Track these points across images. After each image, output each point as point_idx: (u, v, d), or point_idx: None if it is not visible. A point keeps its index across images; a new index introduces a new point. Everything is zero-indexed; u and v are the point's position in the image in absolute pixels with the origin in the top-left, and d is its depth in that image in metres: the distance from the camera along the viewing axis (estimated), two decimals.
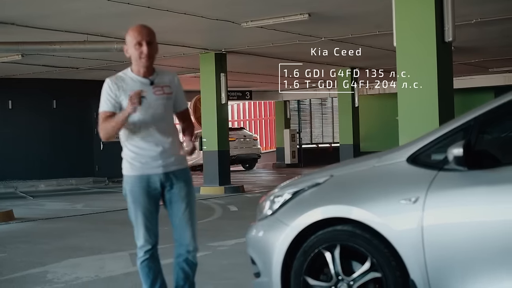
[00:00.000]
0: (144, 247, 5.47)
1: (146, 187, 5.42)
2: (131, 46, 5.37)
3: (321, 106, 41.10)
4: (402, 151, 4.88)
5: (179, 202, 5.47)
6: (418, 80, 10.47)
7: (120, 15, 14.06)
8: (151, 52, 5.37)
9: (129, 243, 10.20)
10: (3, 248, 10.73)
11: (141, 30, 5.37)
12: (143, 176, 5.42)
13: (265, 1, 13.58)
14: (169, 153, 5.42)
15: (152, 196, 5.44)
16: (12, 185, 24.18)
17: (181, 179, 5.47)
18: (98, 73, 24.16)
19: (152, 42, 5.38)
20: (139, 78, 5.42)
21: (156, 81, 5.44)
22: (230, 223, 13.11)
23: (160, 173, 5.41)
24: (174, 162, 5.44)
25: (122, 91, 5.36)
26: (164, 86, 5.45)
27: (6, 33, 15.53)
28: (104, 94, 5.41)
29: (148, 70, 5.43)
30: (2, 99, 24.65)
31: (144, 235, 5.46)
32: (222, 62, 20.67)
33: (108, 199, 19.14)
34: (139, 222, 5.46)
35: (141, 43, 5.33)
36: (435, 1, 10.34)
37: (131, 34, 5.37)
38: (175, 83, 5.55)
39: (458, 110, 11.20)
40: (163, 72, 5.55)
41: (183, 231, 5.48)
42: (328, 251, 4.85)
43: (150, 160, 5.39)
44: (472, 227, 4.40)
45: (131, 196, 5.47)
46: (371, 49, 20.19)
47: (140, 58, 5.35)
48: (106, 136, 5.40)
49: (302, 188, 5.14)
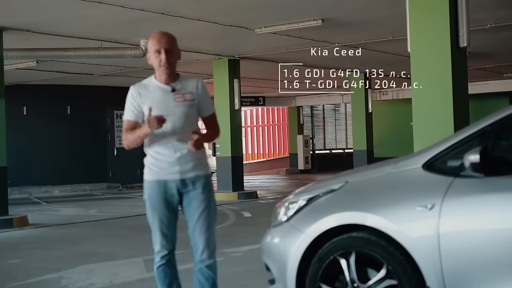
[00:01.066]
0: (160, 252, 5.47)
1: (163, 193, 5.41)
2: (151, 54, 5.38)
3: (334, 111, 41.04)
4: (418, 157, 4.85)
5: (194, 209, 5.43)
6: (433, 85, 10.42)
7: (134, 21, 14.09)
8: (171, 59, 5.35)
9: (143, 249, 10.22)
10: (17, 253, 10.75)
11: (160, 38, 5.36)
12: (160, 181, 5.40)
13: (278, 7, 13.57)
14: (187, 159, 5.39)
15: (169, 202, 5.43)
16: (27, 190, 24.23)
17: (198, 186, 5.44)
18: (112, 80, 24.24)
19: (172, 50, 5.37)
20: (161, 85, 5.41)
21: (177, 88, 5.42)
22: (244, 229, 13.09)
23: (177, 179, 5.39)
24: (192, 169, 5.40)
25: (145, 98, 5.37)
26: (186, 93, 5.42)
27: (21, 40, 15.59)
28: (128, 103, 5.44)
29: (170, 77, 5.41)
30: (17, 105, 24.70)
31: (160, 240, 5.45)
32: (235, 68, 20.67)
33: (122, 205, 19.15)
34: (155, 228, 5.46)
35: (160, 51, 5.33)
36: (450, 6, 10.30)
37: (151, 41, 5.37)
38: (198, 89, 5.49)
39: (473, 115, 11.16)
40: (187, 79, 5.53)
41: (197, 238, 5.45)
42: (343, 258, 4.82)
43: (168, 166, 5.38)
44: (489, 234, 4.37)
45: (149, 201, 5.47)
46: (385, 54, 20.14)
47: (159, 66, 5.35)
48: (128, 146, 5.44)
49: (317, 195, 5.12)
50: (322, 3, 13.34)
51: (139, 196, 22.37)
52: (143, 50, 16.18)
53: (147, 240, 5.51)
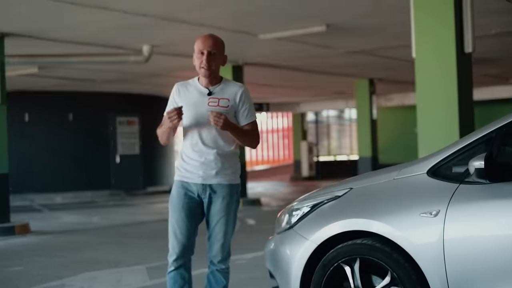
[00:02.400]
0: (171, 256, 5.46)
1: (183, 194, 5.40)
2: (195, 55, 5.44)
3: (338, 118, 41.01)
4: (423, 163, 4.83)
5: (212, 216, 5.43)
6: (438, 91, 10.37)
7: (136, 27, 14.06)
8: (211, 62, 5.36)
9: (146, 257, 10.18)
10: (19, 261, 10.72)
11: (205, 40, 5.42)
12: (183, 183, 5.42)
13: (282, 13, 13.54)
14: (211, 165, 5.36)
15: (188, 205, 5.40)
16: (29, 197, 24.19)
17: (219, 194, 5.40)
18: (115, 86, 24.22)
19: (215, 53, 5.39)
20: (201, 87, 5.45)
21: (215, 92, 5.39)
22: (247, 236, 13.04)
23: (199, 184, 5.37)
24: (214, 175, 5.37)
25: (183, 97, 5.43)
26: (222, 99, 5.38)
27: (23, 46, 15.57)
28: (170, 97, 5.52)
29: (210, 80, 5.43)
30: (19, 112, 24.66)
31: (172, 243, 5.45)
32: (239, 74, 20.61)
33: (124, 212, 19.12)
34: (170, 229, 5.47)
35: (203, 52, 5.37)
36: (455, 12, 10.25)
37: (196, 43, 5.45)
38: (237, 96, 5.42)
39: (478, 121, 11.12)
40: (229, 84, 5.50)
41: (212, 243, 5.47)
42: (347, 265, 4.78)
43: (192, 169, 5.38)
44: (494, 240, 4.35)
45: (171, 200, 5.50)
46: (390, 60, 20.10)
47: (200, 67, 5.37)
48: (162, 142, 5.52)
49: (321, 201, 5.10)
50: (326, 9, 13.31)
51: (142, 203, 22.41)
52: (145, 56, 16.15)
53: (150, 247, 5.48)
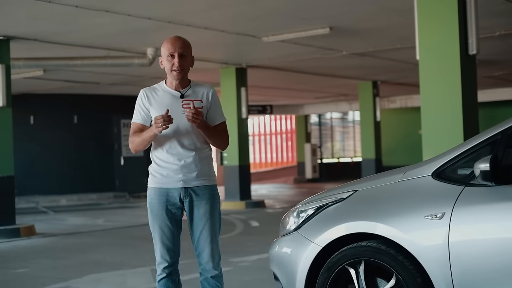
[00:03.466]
0: (161, 264, 5.38)
1: (165, 201, 5.32)
2: (164, 58, 5.35)
3: (342, 120, 41.00)
4: (427, 166, 4.82)
5: (197, 220, 5.35)
6: (442, 93, 10.38)
7: (141, 30, 14.09)
8: (183, 64, 5.33)
9: (151, 259, 10.16)
10: (25, 263, 10.73)
11: (174, 42, 5.33)
12: (162, 189, 5.33)
13: (285, 15, 13.55)
14: (191, 168, 5.30)
15: (170, 211, 5.34)
16: (34, 200, 24.24)
17: (202, 196, 5.35)
18: (119, 88, 24.26)
19: (186, 55, 5.34)
20: (171, 90, 5.37)
21: (186, 95, 5.37)
22: (251, 238, 13.05)
23: (180, 188, 5.30)
24: (195, 178, 5.32)
25: (153, 102, 5.33)
26: (195, 100, 5.35)
27: (28, 49, 15.61)
28: (137, 105, 5.40)
29: (181, 83, 5.38)
30: (24, 115, 24.73)
31: (161, 251, 5.36)
32: (242, 77, 20.63)
33: (129, 214, 19.14)
34: (156, 238, 5.38)
35: (173, 55, 5.30)
36: (459, 14, 10.26)
37: (165, 45, 5.35)
38: (208, 97, 5.44)
39: (482, 123, 11.12)
40: (198, 86, 5.48)
41: (201, 250, 5.37)
42: (352, 268, 4.78)
43: (171, 174, 5.30)
44: (500, 243, 4.34)
45: (149, 208, 5.40)
46: (394, 62, 20.11)
47: (171, 70, 5.31)
48: (134, 149, 5.38)
49: (325, 204, 5.09)
50: (330, 11, 13.31)
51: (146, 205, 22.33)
52: (150, 59, 16.18)
53: (154, 249, 5.45)
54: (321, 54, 18.20)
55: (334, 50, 17.77)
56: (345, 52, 17.94)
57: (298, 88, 27.35)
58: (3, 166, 14.36)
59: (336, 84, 26.00)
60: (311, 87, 26.99)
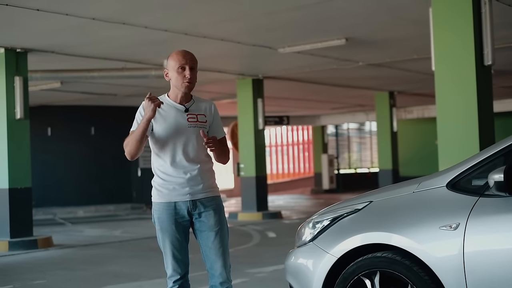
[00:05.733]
0: (173, 277, 5.38)
1: (173, 215, 5.33)
2: (173, 70, 5.33)
3: (359, 130, 40.95)
4: (442, 176, 4.83)
5: (208, 232, 5.35)
6: (458, 104, 10.36)
7: (157, 42, 14.15)
8: (194, 77, 5.34)
9: None
10: (42, 274, 10.78)
11: (185, 55, 5.34)
12: (170, 204, 5.34)
13: (301, 27, 13.58)
14: (197, 180, 5.31)
15: (179, 224, 5.35)
16: (51, 211, 24.34)
17: (209, 208, 5.35)
18: (136, 100, 24.30)
19: (194, 68, 5.35)
20: (175, 104, 5.36)
21: (191, 109, 5.37)
22: (268, 249, 13.05)
23: (187, 201, 5.30)
24: (202, 190, 5.32)
25: (157, 115, 5.29)
26: (199, 115, 5.37)
27: (46, 61, 15.71)
28: (138, 114, 5.36)
29: (185, 97, 5.38)
30: (42, 126, 24.87)
31: (172, 264, 5.38)
32: (259, 88, 20.65)
33: (146, 226, 19.16)
34: (167, 251, 5.40)
35: (184, 67, 5.29)
36: (474, 24, 10.25)
37: (175, 57, 5.34)
38: (211, 111, 5.45)
39: (498, 133, 11.08)
40: (200, 100, 5.48)
41: (214, 262, 5.35)
42: (367, 278, 4.80)
43: (178, 187, 5.30)
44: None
45: (158, 223, 5.41)
46: (410, 73, 20.09)
47: (182, 82, 5.30)
48: (129, 149, 5.30)
49: (341, 214, 5.11)
50: (346, 22, 13.33)
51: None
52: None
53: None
54: (337, 65, 18.23)
55: (350, 61, 17.78)
56: (361, 63, 17.95)
57: (315, 99, 27.38)
58: (21, 177, 14.44)
59: (352, 94, 26.01)
60: (328, 97, 27.01)
